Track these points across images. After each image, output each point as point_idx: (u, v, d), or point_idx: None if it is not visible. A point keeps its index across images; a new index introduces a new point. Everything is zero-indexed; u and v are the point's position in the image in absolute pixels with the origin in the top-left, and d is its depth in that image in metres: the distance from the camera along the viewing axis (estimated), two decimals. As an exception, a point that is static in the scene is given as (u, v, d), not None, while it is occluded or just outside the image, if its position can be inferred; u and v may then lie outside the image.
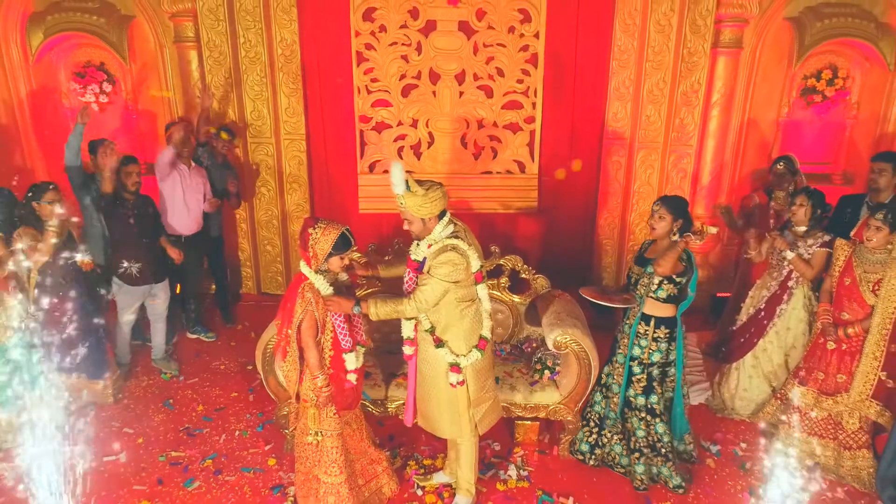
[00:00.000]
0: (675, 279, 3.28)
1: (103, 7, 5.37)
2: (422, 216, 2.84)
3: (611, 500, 3.44)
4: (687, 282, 3.35)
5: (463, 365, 2.99)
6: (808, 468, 3.64)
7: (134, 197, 4.32)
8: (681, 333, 3.45)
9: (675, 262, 3.21)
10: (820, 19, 5.24)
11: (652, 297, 3.34)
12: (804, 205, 3.74)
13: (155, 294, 4.54)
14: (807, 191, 3.82)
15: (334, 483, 3.07)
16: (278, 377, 3.63)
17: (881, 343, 3.34)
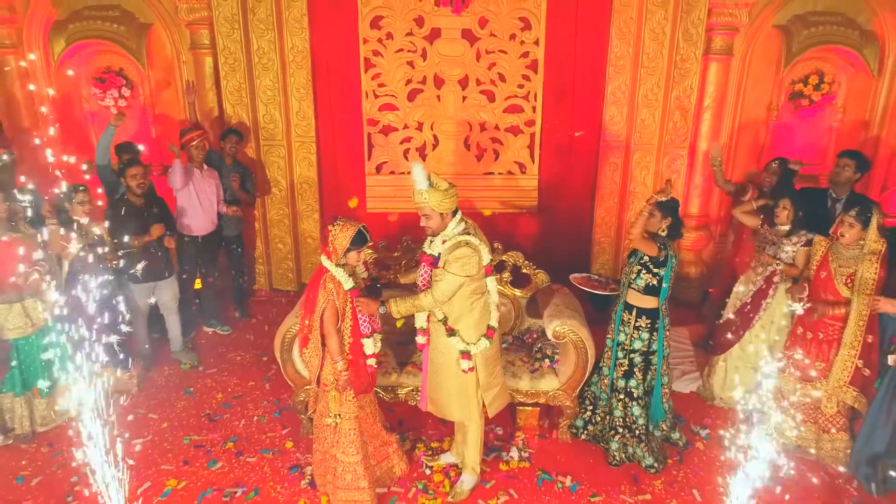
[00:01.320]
0: (652, 269, 3.53)
1: (123, 15, 5.62)
2: (441, 210, 3.08)
3: (605, 479, 3.70)
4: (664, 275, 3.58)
5: (473, 352, 3.24)
6: (790, 450, 3.92)
7: (141, 198, 4.52)
8: (662, 325, 3.70)
9: (643, 228, 3.46)
10: (807, 27, 5.50)
11: (633, 287, 3.60)
12: (787, 208, 4.00)
13: (160, 291, 4.77)
14: (790, 195, 4.07)
15: (351, 462, 3.33)
16: (296, 365, 3.89)
17: (858, 333, 3.60)
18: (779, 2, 5.50)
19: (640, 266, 3.60)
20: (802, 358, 3.80)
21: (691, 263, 6.10)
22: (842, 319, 3.64)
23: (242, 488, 3.59)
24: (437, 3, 5.52)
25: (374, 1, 5.53)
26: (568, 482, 3.66)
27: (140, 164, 4.60)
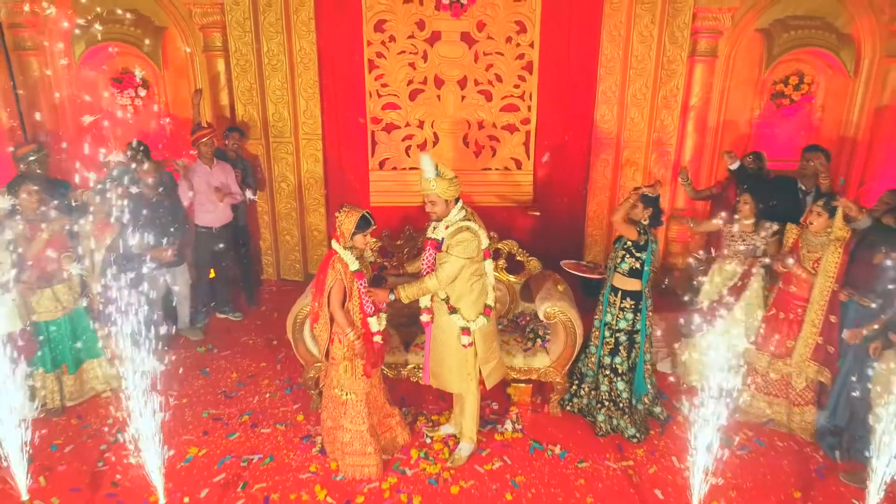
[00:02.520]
0: (635, 253, 3.85)
1: (139, 19, 5.93)
2: (446, 198, 3.39)
3: (590, 447, 4.01)
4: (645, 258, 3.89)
5: (472, 329, 3.56)
6: (764, 423, 4.24)
7: (153, 192, 4.84)
8: (645, 306, 4.01)
9: (625, 214, 3.78)
10: (787, 31, 5.81)
11: (618, 271, 3.93)
12: (748, 202, 4.32)
13: (173, 278, 5.10)
14: (749, 190, 4.39)
15: (359, 430, 3.65)
16: (307, 343, 4.21)
17: (820, 313, 3.91)
18: (761, 6, 5.81)
19: (624, 251, 3.93)
20: (774, 336, 4.12)
21: (678, 255, 6.41)
22: (806, 300, 3.95)
23: (258, 455, 3.91)
24: (437, 7, 5.83)
25: (378, 5, 5.85)
26: (557, 450, 3.97)
27: (151, 161, 4.93)
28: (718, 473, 3.75)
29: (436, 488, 3.65)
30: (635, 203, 3.86)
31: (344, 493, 3.61)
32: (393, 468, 3.81)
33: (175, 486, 3.60)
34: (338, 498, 3.57)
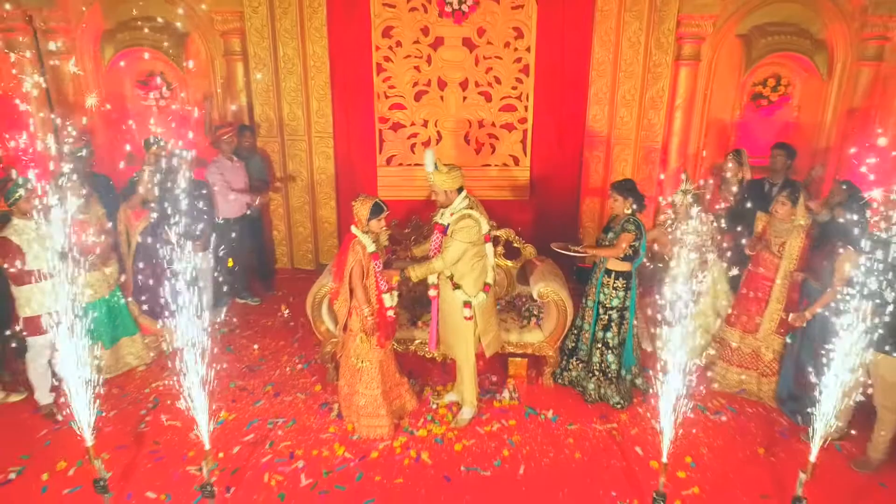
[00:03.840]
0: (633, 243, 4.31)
1: (164, 25, 6.38)
2: (444, 189, 3.85)
3: (580, 413, 4.48)
4: (639, 245, 4.35)
5: (473, 303, 4.02)
6: (737, 392, 4.70)
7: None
8: (634, 286, 4.47)
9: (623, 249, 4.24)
10: (765, 36, 6.26)
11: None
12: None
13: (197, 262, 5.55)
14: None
15: (373, 395, 4.11)
16: (324, 321, 4.66)
17: (784, 291, 4.37)
18: (740, 14, 6.26)
19: (615, 236, 4.37)
20: (744, 314, 4.58)
21: (665, 246, 6.86)
22: (773, 280, 4.41)
23: (282, 419, 4.37)
24: (440, 14, 6.29)
25: (385, 12, 6.30)
26: (549, 415, 4.44)
27: None
28: (693, 434, 4.24)
29: (441, 446, 4.12)
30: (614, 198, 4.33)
31: (360, 451, 4.07)
32: (403, 430, 4.27)
33: (210, 443, 4.05)
34: (355, 454, 4.04)
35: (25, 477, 3.82)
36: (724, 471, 3.93)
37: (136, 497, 3.67)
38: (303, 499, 3.67)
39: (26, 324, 4.19)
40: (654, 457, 3.98)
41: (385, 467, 3.93)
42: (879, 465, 3.93)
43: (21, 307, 4.18)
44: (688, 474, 3.89)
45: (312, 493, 3.71)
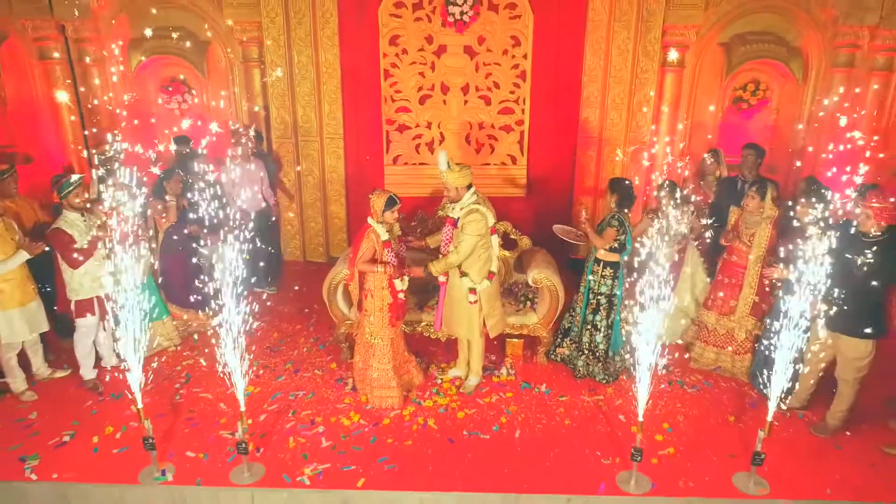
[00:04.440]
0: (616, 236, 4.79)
1: (187, 35, 6.87)
2: (456, 185, 4.31)
3: (570, 387, 4.96)
4: (624, 240, 4.83)
5: (478, 289, 4.49)
6: (713, 369, 5.18)
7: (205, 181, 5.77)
8: (622, 275, 4.95)
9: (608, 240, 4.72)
10: (744, 44, 6.75)
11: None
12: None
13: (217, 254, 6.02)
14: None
15: (385, 368, 4.59)
16: (339, 304, 5.15)
17: (755, 277, 4.85)
18: (722, 23, 6.75)
19: None
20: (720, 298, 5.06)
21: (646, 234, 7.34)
22: (745, 267, 4.89)
23: (302, 392, 4.86)
24: (443, 24, 6.78)
25: (392, 23, 6.79)
26: (543, 388, 4.92)
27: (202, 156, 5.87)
28: (671, 404, 4.73)
29: (445, 414, 4.61)
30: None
31: (373, 418, 4.56)
32: (411, 401, 4.76)
33: (237, 412, 4.54)
34: (369, 420, 4.52)
35: (78, 440, 4.30)
36: (697, 435, 4.41)
37: (178, 455, 4.16)
38: (324, 458, 4.15)
39: (77, 306, 4.68)
40: (636, 423, 4.45)
41: (396, 432, 4.42)
42: (836, 431, 4.41)
43: (72, 291, 4.66)
44: (665, 438, 4.37)
45: (332, 452, 4.20)
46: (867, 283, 3.85)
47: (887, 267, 3.83)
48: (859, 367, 4.15)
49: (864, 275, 3.84)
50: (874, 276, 3.84)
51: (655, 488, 3.91)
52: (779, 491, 3.91)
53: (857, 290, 3.89)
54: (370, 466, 4.07)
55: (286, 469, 4.04)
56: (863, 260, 3.81)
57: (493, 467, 4.08)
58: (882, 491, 3.93)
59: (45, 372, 5.00)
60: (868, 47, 6.68)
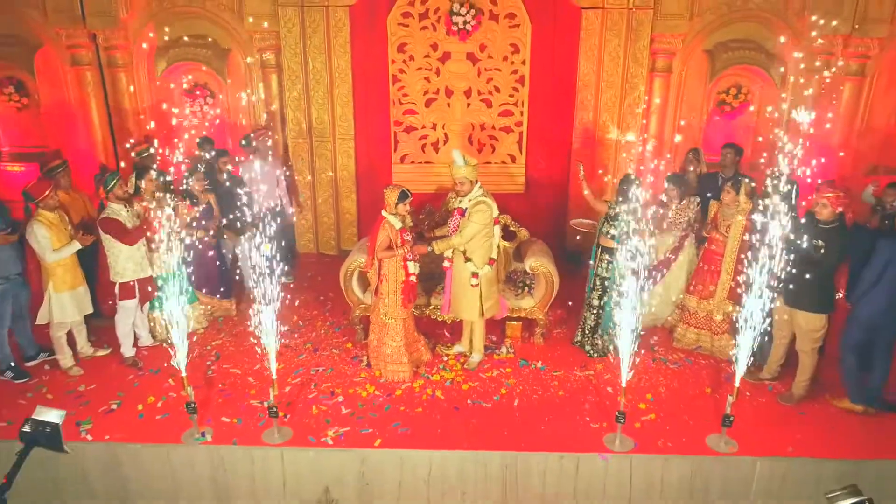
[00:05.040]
0: (611, 221, 5.29)
1: (209, 43, 7.40)
2: (471, 179, 4.85)
3: (564, 363, 5.49)
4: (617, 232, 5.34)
5: (480, 274, 5.02)
6: (694, 349, 5.70)
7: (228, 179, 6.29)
8: (616, 262, 5.45)
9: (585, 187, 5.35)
10: (727, 51, 7.27)
11: (602, 233, 5.37)
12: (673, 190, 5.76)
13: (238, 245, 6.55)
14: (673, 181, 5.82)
15: (397, 345, 5.12)
16: (354, 290, 5.67)
17: (732, 264, 5.37)
18: (706, 32, 7.27)
19: (604, 221, 5.39)
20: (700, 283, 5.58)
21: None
22: (722, 255, 5.41)
23: (322, 368, 5.39)
24: (448, 33, 7.29)
25: (400, 31, 7.32)
26: (539, 364, 5.45)
27: (226, 155, 6.40)
28: (654, 378, 5.25)
29: (451, 386, 5.14)
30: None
31: (387, 389, 5.09)
32: (421, 375, 5.28)
33: (264, 385, 5.06)
34: (383, 392, 5.06)
35: (124, 408, 4.83)
36: (676, 404, 4.94)
37: (214, 421, 4.69)
38: (344, 422, 4.68)
39: (120, 289, 5.20)
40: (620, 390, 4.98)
41: (407, 401, 4.95)
42: (801, 400, 4.93)
43: (116, 274, 5.19)
44: (647, 406, 4.90)
45: (351, 418, 4.73)
46: (821, 264, 4.38)
47: (837, 250, 4.36)
48: (815, 339, 4.69)
49: (820, 257, 4.37)
50: (826, 258, 4.37)
51: (637, 447, 4.44)
52: (746, 449, 4.43)
53: (812, 271, 4.41)
54: (385, 430, 4.60)
55: (311, 432, 4.58)
56: (818, 244, 4.34)
57: (494, 431, 4.61)
58: (838, 449, 4.46)
59: (89, 351, 5.52)
60: (842, 54, 7.20)
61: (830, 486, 4.16)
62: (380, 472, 4.45)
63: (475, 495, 4.45)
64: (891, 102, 7.46)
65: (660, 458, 4.40)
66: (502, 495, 4.44)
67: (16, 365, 5.20)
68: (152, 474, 4.48)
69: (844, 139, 7.50)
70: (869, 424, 4.69)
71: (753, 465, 4.36)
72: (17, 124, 7.84)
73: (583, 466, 4.38)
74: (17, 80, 7.58)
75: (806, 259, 4.39)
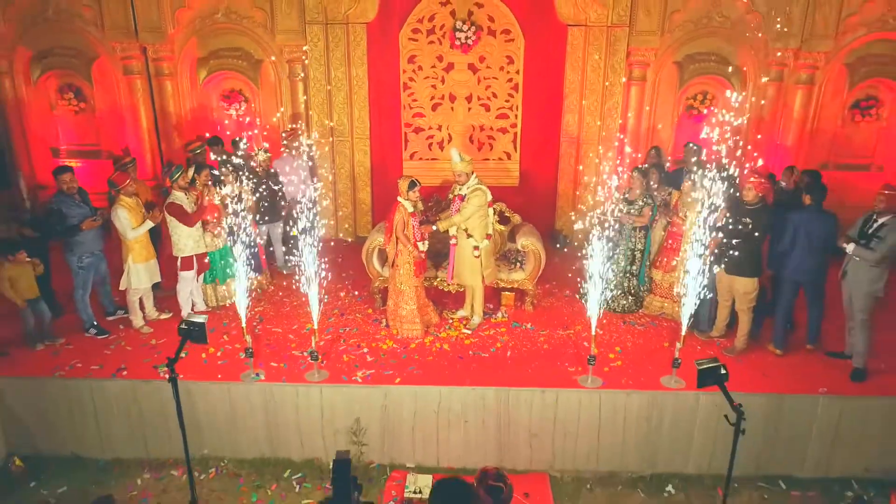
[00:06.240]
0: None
1: (244, 54, 8.52)
2: (467, 172, 5.96)
3: (550, 325, 6.58)
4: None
5: (480, 247, 6.12)
6: (659, 314, 6.81)
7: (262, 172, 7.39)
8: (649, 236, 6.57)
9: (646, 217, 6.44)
10: (694, 63, 8.39)
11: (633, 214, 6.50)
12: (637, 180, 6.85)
13: (272, 229, 7.66)
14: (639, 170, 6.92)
15: (411, 308, 6.23)
16: (374, 264, 6.78)
17: (689, 243, 6.47)
18: (675, 46, 8.38)
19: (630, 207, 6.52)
20: (664, 258, 6.69)
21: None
22: (681, 235, 6.51)
23: (348, 328, 6.50)
24: (451, 46, 8.41)
25: (410, 45, 8.43)
26: (529, 326, 6.56)
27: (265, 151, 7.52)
28: (623, 336, 6.36)
29: (456, 342, 6.25)
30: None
31: (403, 344, 6.19)
32: (431, 333, 6.39)
33: (301, 341, 6.16)
34: (399, 345, 6.16)
35: (190, 356, 5.88)
36: (639, 354, 6.05)
37: (265, 365, 5.79)
38: (369, 367, 5.78)
39: (182, 262, 6.31)
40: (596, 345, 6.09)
41: (420, 352, 6.05)
42: (741, 352, 6.03)
43: (178, 250, 6.30)
44: (615, 356, 6.00)
45: (375, 364, 5.83)
46: (749, 237, 5.50)
47: (761, 226, 5.49)
48: (749, 300, 5.80)
49: (748, 232, 5.49)
50: (753, 232, 5.49)
51: (604, 385, 5.55)
52: (691, 387, 5.52)
53: (742, 243, 5.53)
54: (403, 372, 5.71)
55: (344, 373, 5.69)
56: (746, 221, 5.46)
57: (490, 373, 5.71)
58: (764, 386, 5.55)
59: (154, 314, 6.63)
60: (793, 66, 8.32)
61: (759, 415, 5.34)
62: (398, 404, 5.55)
63: (475, 423, 5.54)
64: (837, 107, 8.57)
65: (623, 393, 5.50)
66: (497, 423, 5.54)
67: (98, 324, 6.31)
68: (217, 406, 5.58)
69: (797, 139, 8.61)
70: (788, 368, 5.80)
71: (697, 398, 5.45)
72: (75, 126, 8.95)
73: (561, 399, 5.48)
74: (76, 87, 8.69)
75: (737, 234, 5.51)
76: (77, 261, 6.09)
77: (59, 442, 5.70)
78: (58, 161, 8.99)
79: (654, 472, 5.60)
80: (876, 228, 5.42)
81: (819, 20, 8.04)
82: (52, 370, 5.70)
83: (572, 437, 5.55)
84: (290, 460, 5.68)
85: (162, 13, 8.14)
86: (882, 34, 8.13)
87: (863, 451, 5.46)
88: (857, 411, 5.41)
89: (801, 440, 5.50)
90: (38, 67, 8.53)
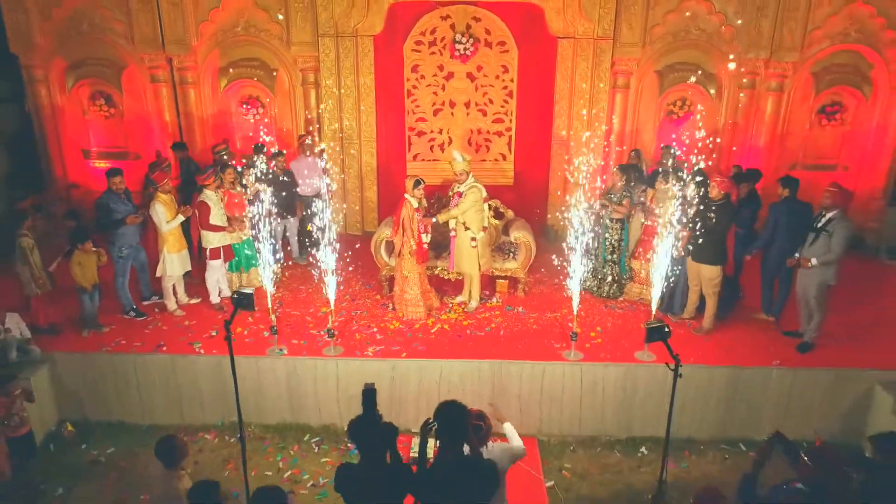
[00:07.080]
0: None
1: (261, 64, 9.29)
2: (467, 171, 6.73)
3: (539, 308, 7.35)
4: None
5: (477, 238, 6.89)
6: (637, 300, 7.58)
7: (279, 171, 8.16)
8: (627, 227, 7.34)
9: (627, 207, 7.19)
10: (673, 72, 9.15)
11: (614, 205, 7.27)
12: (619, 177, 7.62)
13: (289, 224, 8.43)
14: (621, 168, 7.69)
15: (415, 293, 7.00)
16: (382, 255, 7.55)
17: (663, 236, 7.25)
18: (655, 56, 9.14)
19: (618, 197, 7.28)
20: (641, 250, 7.46)
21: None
22: (656, 230, 7.28)
23: (359, 311, 7.27)
24: (451, 56, 9.18)
25: (413, 55, 9.21)
26: (520, 310, 7.33)
27: (282, 154, 8.29)
28: (604, 318, 7.14)
29: (455, 323, 7.02)
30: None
31: (408, 324, 6.97)
32: (433, 316, 7.16)
33: (318, 322, 6.94)
34: (405, 325, 6.94)
35: (219, 336, 6.70)
36: (617, 333, 6.82)
37: (287, 342, 6.56)
38: (378, 343, 6.56)
39: (210, 252, 7.09)
40: (580, 326, 6.85)
41: (424, 331, 6.83)
42: (709, 332, 6.80)
43: (207, 242, 7.08)
44: (596, 335, 6.78)
45: (384, 341, 6.61)
46: (714, 230, 6.27)
47: (724, 220, 6.27)
48: (715, 284, 6.58)
49: (712, 224, 6.26)
50: (717, 225, 6.26)
51: (585, 358, 6.32)
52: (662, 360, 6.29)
53: (708, 235, 6.30)
54: (409, 348, 6.49)
55: (356, 349, 6.46)
56: (710, 216, 6.23)
57: (486, 349, 6.49)
58: (726, 359, 6.31)
59: (185, 299, 7.41)
60: (764, 74, 9.08)
61: (721, 385, 6.12)
62: (405, 376, 6.32)
63: (472, 393, 6.31)
64: (804, 112, 9.33)
65: (601, 366, 6.27)
66: (491, 392, 6.31)
67: (136, 307, 7.09)
68: (245, 377, 6.34)
69: (769, 141, 9.37)
70: (747, 344, 6.58)
71: (667, 370, 6.22)
72: (105, 130, 9.72)
73: (547, 371, 6.25)
74: (107, 95, 9.46)
75: (704, 226, 6.29)
76: (118, 251, 6.87)
77: (105, 410, 6.47)
78: (88, 162, 9.78)
79: (629, 435, 6.38)
80: (825, 223, 6.18)
81: (786, 34, 8.80)
82: (100, 346, 6.47)
83: (557, 405, 6.32)
84: (308, 426, 6.46)
85: (187, 27, 8.91)
86: (844, 46, 8.89)
87: (811, 416, 6.23)
88: (806, 381, 6.19)
89: (757, 407, 6.27)
90: (73, 76, 9.30)
